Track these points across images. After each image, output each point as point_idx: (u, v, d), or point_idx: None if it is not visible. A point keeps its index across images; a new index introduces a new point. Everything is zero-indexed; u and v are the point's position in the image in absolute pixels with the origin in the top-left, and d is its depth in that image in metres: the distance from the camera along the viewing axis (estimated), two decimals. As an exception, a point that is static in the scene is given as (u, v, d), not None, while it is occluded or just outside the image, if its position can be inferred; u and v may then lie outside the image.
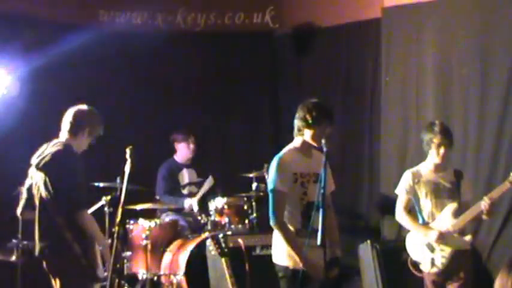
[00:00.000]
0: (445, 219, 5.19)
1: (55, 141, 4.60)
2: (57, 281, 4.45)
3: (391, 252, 6.09)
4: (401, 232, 5.80)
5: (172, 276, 6.36)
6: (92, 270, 4.40)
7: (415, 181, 5.31)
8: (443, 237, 5.14)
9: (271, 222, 4.40)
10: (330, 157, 4.22)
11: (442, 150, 5.20)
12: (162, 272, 6.49)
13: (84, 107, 4.70)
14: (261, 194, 6.63)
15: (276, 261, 4.50)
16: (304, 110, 4.45)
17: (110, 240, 6.27)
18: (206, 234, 6.41)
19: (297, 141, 4.53)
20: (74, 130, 4.58)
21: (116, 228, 4.42)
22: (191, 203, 7.03)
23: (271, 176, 4.44)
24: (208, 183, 7.06)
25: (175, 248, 6.51)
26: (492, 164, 6.12)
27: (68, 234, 4.36)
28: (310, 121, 4.41)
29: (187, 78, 8.04)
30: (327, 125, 4.44)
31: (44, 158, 4.49)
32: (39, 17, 7.36)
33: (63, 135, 4.61)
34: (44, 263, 4.50)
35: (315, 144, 4.44)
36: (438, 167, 5.30)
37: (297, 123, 4.48)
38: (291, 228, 4.40)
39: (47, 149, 4.54)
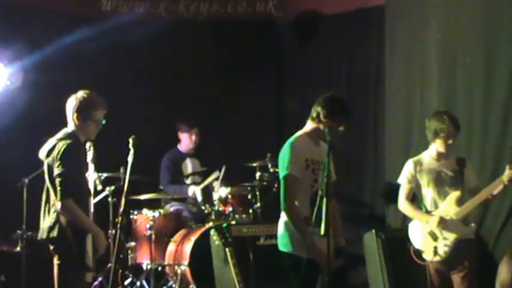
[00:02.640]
0: (448, 207, 5.17)
1: (63, 130, 4.61)
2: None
3: (396, 241, 6.06)
4: (406, 221, 5.77)
5: (176, 266, 6.37)
6: (82, 257, 4.39)
7: (416, 170, 5.30)
8: (444, 223, 5.12)
9: (283, 207, 4.35)
10: (334, 146, 4.19)
11: (450, 140, 5.22)
12: (166, 262, 6.50)
13: (84, 93, 4.68)
14: (265, 183, 6.62)
15: (282, 249, 4.44)
16: (327, 100, 4.48)
17: (113, 231, 6.31)
18: (210, 224, 6.40)
19: (308, 127, 4.51)
20: (79, 118, 4.58)
21: (120, 218, 4.41)
22: (195, 190, 7.00)
23: (284, 161, 4.38)
24: (215, 175, 6.98)
25: (179, 238, 6.50)
26: (497, 152, 6.07)
27: (63, 219, 4.38)
28: (328, 112, 4.42)
29: (190, 67, 8.01)
30: (341, 122, 4.47)
31: (49, 148, 4.52)
32: (42, 7, 7.34)
33: (70, 124, 4.61)
34: (50, 246, 4.53)
35: (323, 134, 4.41)
36: (441, 155, 5.29)
37: (315, 110, 4.47)
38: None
39: (54, 139, 4.56)
